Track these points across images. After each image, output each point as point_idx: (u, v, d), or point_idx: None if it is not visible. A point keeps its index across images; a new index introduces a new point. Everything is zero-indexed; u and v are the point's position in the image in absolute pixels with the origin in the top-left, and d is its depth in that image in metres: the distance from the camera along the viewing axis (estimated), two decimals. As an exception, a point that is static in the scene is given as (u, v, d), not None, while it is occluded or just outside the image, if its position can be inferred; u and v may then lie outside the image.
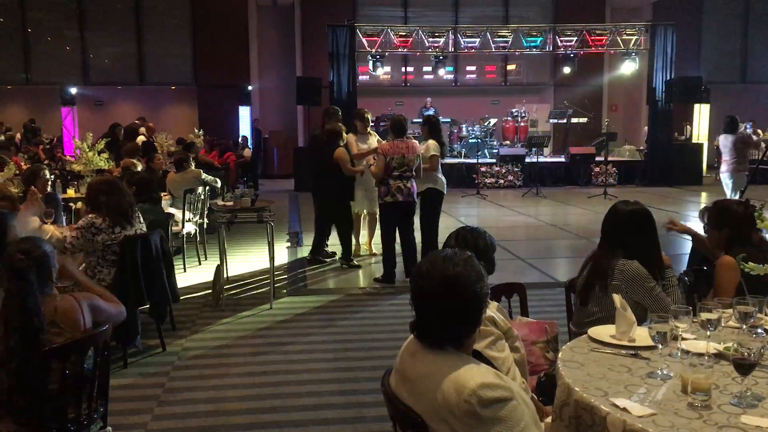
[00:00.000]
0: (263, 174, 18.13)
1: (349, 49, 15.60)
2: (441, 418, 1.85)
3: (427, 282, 2.00)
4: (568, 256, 8.84)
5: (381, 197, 6.95)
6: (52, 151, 14.14)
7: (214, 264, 6.89)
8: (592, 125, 18.26)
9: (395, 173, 6.81)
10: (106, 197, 4.78)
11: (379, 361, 4.91)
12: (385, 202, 6.91)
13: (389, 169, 6.81)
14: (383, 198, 6.90)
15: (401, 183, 6.84)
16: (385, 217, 7.05)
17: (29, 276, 2.67)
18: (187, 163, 8.60)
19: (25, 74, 18.91)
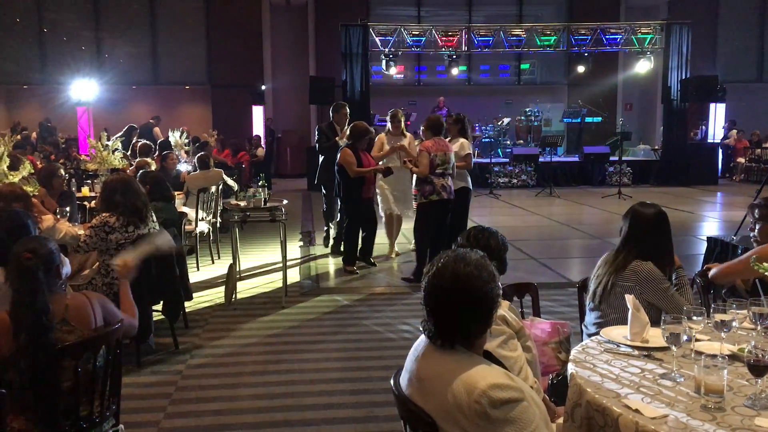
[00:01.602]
0: (276, 173, 18.17)
1: (362, 49, 15.60)
2: (451, 418, 1.85)
3: (439, 282, 1.99)
4: (581, 257, 8.79)
5: (425, 195, 6.85)
6: (67, 150, 14.25)
7: (226, 263, 6.91)
8: (607, 124, 18.15)
9: (438, 170, 6.79)
10: (121, 196, 4.80)
11: (391, 360, 4.90)
12: (430, 201, 6.83)
13: (433, 167, 6.77)
14: (428, 196, 6.82)
15: (444, 181, 6.85)
16: (428, 215, 6.94)
17: (38, 274, 2.68)
18: (209, 162, 8.71)
19: (41, 73, 19.07)
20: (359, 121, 7.65)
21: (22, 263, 2.68)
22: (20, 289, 2.65)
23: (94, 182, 7.89)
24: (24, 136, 15.28)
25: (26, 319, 2.60)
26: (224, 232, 8.77)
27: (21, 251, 2.71)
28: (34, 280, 2.67)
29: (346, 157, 7.10)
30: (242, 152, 14.39)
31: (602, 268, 3.24)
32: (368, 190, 7.29)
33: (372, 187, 7.39)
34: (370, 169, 7.20)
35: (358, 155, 7.13)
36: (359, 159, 7.11)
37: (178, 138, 12.41)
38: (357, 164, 7.06)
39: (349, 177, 7.11)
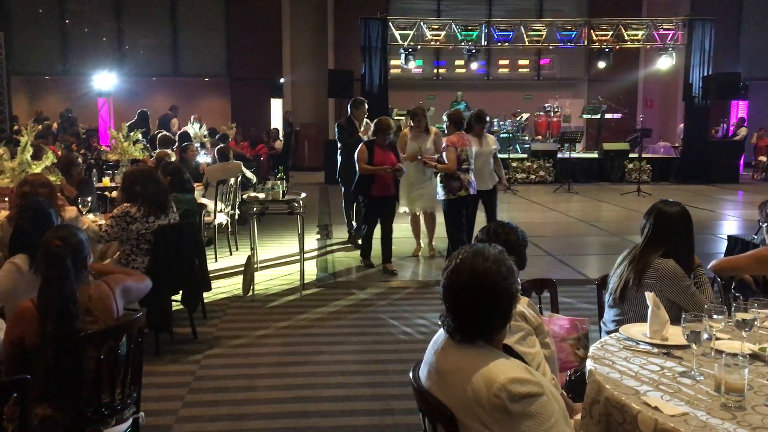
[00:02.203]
0: (293, 166, 18.23)
1: (381, 42, 15.58)
2: (471, 412, 1.85)
3: (458, 277, 1.99)
4: (600, 253, 8.74)
5: (453, 191, 6.81)
6: (88, 140, 14.38)
7: (244, 254, 6.96)
8: (627, 121, 18.00)
9: (464, 166, 6.77)
10: (141, 187, 4.85)
11: (407, 354, 4.92)
12: (459, 197, 6.81)
13: (459, 163, 6.75)
14: (456, 192, 6.79)
15: (469, 176, 6.84)
16: (457, 211, 6.93)
17: (66, 262, 2.72)
18: (229, 154, 8.77)
19: (63, 65, 19.24)
20: (384, 116, 7.44)
21: (52, 249, 2.71)
22: (49, 276, 2.68)
23: (114, 173, 7.96)
24: (45, 126, 15.41)
25: (54, 307, 2.63)
26: (242, 224, 8.82)
27: (51, 237, 2.75)
28: (62, 267, 2.70)
29: (358, 153, 7.02)
30: (261, 145, 14.44)
31: (623, 265, 3.22)
32: (382, 188, 6.99)
33: (387, 185, 7.04)
34: (375, 168, 6.90)
35: (373, 151, 6.94)
36: (372, 156, 6.92)
37: (197, 129, 12.48)
38: (369, 161, 6.90)
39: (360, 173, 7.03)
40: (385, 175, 6.95)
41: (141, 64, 19.27)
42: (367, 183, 6.96)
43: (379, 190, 6.98)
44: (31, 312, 2.67)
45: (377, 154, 6.93)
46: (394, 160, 7.02)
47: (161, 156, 7.68)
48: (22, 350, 2.65)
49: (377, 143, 6.98)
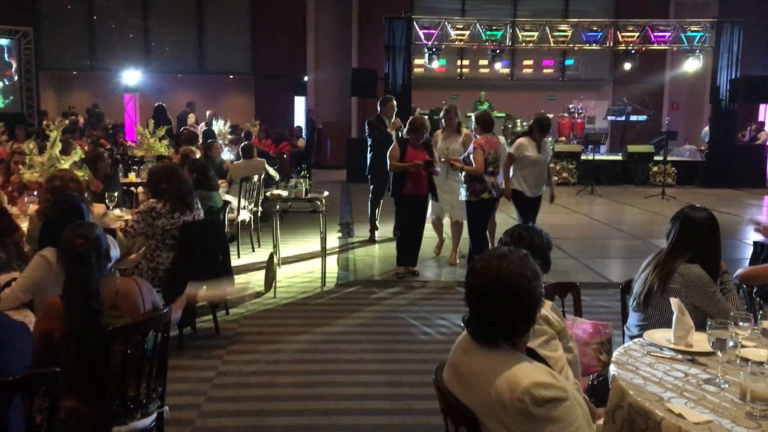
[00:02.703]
0: (316, 164, 18.30)
1: (405, 42, 15.58)
2: (494, 414, 1.86)
3: (481, 280, 1.99)
4: (623, 257, 8.67)
5: (476, 194, 6.66)
6: (114, 135, 14.56)
7: (267, 251, 7.01)
8: (652, 123, 17.81)
9: (490, 169, 6.65)
10: (167, 184, 4.92)
11: (427, 354, 4.92)
12: (481, 199, 6.68)
13: (486, 165, 6.62)
14: (479, 195, 6.65)
15: (494, 179, 6.72)
16: (480, 214, 6.80)
17: (90, 259, 2.77)
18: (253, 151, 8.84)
19: (90, 60, 19.48)
20: (419, 116, 7.27)
21: (76, 249, 2.76)
22: (73, 274, 2.73)
23: (140, 168, 8.05)
24: (72, 122, 15.64)
25: (78, 304, 2.68)
26: (265, 221, 8.87)
27: (73, 237, 2.79)
28: (87, 264, 2.75)
29: (390, 152, 6.88)
30: (284, 142, 14.52)
31: (648, 270, 3.20)
32: (415, 187, 6.76)
33: (421, 184, 6.79)
34: (406, 165, 6.70)
35: (405, 151, 6.76)
36: (405, 155, 6.74)
37: (222, 127, 12.58)
38: (401, 160, 6.74)
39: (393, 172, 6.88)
40: (418, 173, 6.75)
41: (167, 60, 19.45)
42: (400, 182, 6.80)
43: (413, 189, 6.78)
44: (58, 307, 2.72)
45: (410, 153, 6.76)
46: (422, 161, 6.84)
47: (186, 152, 7.75)
48: (50, 344, 2.70)
49: (410, 142, 6.82)
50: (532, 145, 7.10)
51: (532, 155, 7.05)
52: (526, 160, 7.08)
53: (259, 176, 8.48)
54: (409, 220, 6.96)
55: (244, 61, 19.71)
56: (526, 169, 7.13)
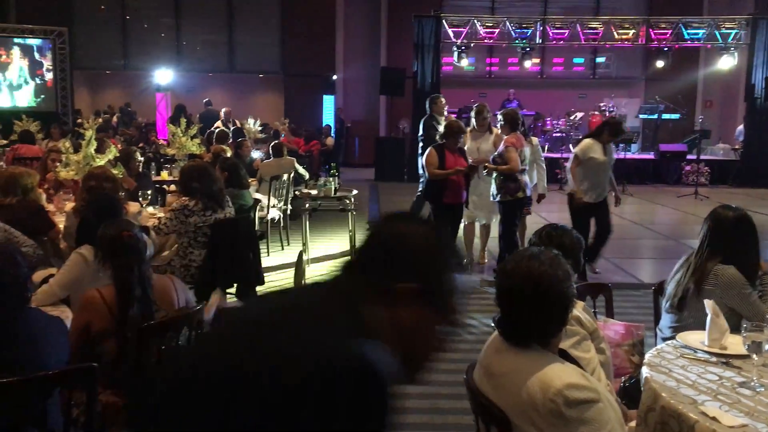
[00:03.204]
0: (344, 163, 18.37)
1: (434, 40, 15.56)
2: (525, 415, 1.86)
3: (512, 281, 1.99)
4: (655, 257, 8.57)
5: (511, 193, 6.51)
6: (146, 134, 14.77)
7: (296, 249, 7.05)
8: (685, 122, 17.55)
9: (521, 167, 6.53)
10: (198, 183, 4.98)
11: (455, 354, 4.88)
12: (516, 198, 6.55)
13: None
14: (514, 194, 6.50)
15: (525, 178, 6.62)
16: (514, 214, 6.68)
17: (140, 248, 2.86)
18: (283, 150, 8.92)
19: (123, 60, 19.78)
20: (455, 119, 7.01)
21: (125, 240, 2.84)
22: (125, 265, 2.80)
23: (172, 167, 8.17)
24: (105, 120, 15.92)
25: (134, 292, 2.76)
26: (294, 219, 8.93)
27: (118, 231, 2.86)
28: (138, 254, 2.86)
29: (427, 157, 6.56)
30: (314, 141, 14.59)
31: (682, 271, 3.16)
32: (454, 194, 6.52)
33: (460, 191, 6.56)
34: (447, 172, 6.40)
35: (444, 156, 6.46)
36: (443, 160, 6.44)
37: (252, 125, 12.69)
38: (440, 166, 6.44)
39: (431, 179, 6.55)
40: (457, 180, 6.48)
41: (198, 60, 19.68)
42: (439, 189, 6.50)
43: (452, 197, 6.51)
44: (96, 300, 2.79)
45: (448, 159, 6.45)
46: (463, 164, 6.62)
47: (217, 151, 7.84)
48: (88, 338, 2.76)
49: (447, 147, 6.50)
50: (598, 147, 6.65)
51: (598, 158, 6.60)
52: (592, 162, 6.61)
53: (289, 175, 8.54)
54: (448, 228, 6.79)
55: (273, 60, 19.85)
56: (591, 173, 6.68)
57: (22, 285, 2.34)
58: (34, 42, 16.64)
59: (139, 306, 2.78)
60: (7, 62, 16.38)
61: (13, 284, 2.29)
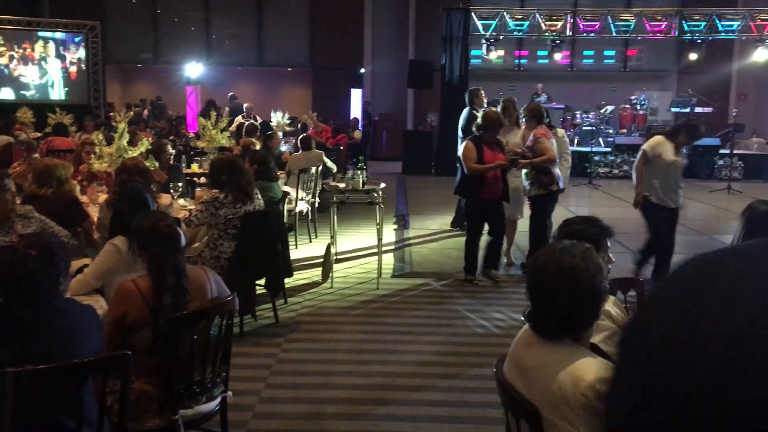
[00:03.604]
0: (371, 156, 18.38)
1: (463, 33, 15.47)
2: (556, 409, 1.85)
3: (544, 274, 1.99)
4: (686, 253, 8.42)
5: (545, 186, 6.39)
6: (176, 127, 14.93)
7: (324, 242, 7.09)
8: (718, 115, 17.24)
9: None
10: (227, 176, 5.03)
11: (484, 347, 4.91)
12: (550, 192, 6.44)
13: None
14: (548, 187, 6.36)
15: (558, 170, 6.48)
16: (548, 207, 6.51)
17: (177, 238, 2.90)
18: (312, 143, 8.95)
19: (154, 53, 19.99)
20: (493, 110, 6.64)
21: (163, 231, 2.89)
22: (162, 255, 2.85)
23: (202, 159, 8.25)
24: (137, 113, 16.12)
25: (170, 282, 2.82)
26: (321, 212, 8.98)
27: (155, 222, 2.91)
28: (175, 244, 2.91)
29: (464, 151, 6.25)
30: (341, 134, 14.62)
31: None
32: (491, 190, 6.23)
33: (498, 186, 6.29)
34: (488, 167, 6.14)
35: (481, 149, 6.19)
36: (481, 154, 6.18)
37: (280, 119, 12.75)
38: (478, 160, 6.18)
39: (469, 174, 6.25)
40: (495, 175, 6.22)
41: (227, 53, 19.81)
42: (475, 184, 6.23)
43: (489, 193, 6.24)
44: (132, 290, 2.84)
45: (486, 153, 6.19)
46: (502, 158, 6.28)
47: (246, 144, 7.90)
48: (123, 328, 2.82)
49: (485, 141, 6.23)
50: (670, 146, 6.13)
51: (669, 158, 6.10)
52: (661, 162, 6.13)
53: (317, 168, 8.58)
54: (483, 226, 6.47)
55: (302, 53, 19.92)
56: (661, 173, 6.20)
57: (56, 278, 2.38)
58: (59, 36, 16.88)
59: (173, 295, 2.81)
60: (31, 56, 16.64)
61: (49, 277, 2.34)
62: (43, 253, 2.33)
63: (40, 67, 16.80)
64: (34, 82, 16.80)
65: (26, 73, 16.73)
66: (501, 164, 6.18)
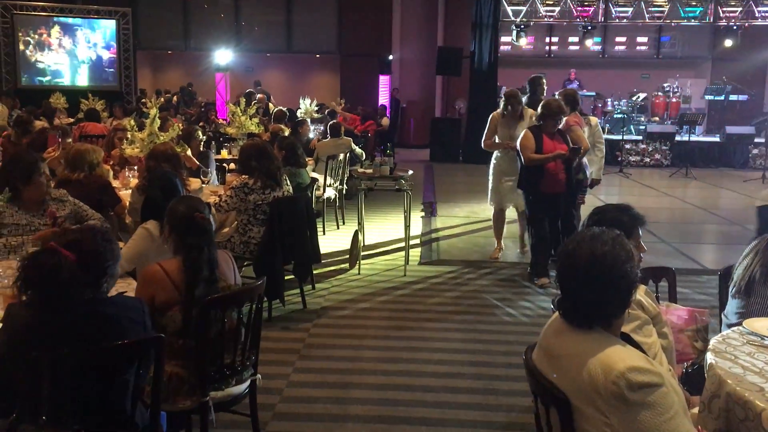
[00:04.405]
0: (399, 143, 18.33)
1: (492, 19, 15.32)
2: (586, 397, 1.84)
3: (575, 261, 1.97)
4: (719, 243, 8.31)
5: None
6: (206, 113, 15.04)
7: (351, 228, 7.11)
8: (753, 103, 16.86)
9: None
10: (256, 161, 5.06)
11: (512, 336, 4.89)
12: (577, 180, 6.23)
13: None
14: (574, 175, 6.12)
15: (585, 159, 6.32)
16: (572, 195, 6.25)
17: (211, 230, 2.94)
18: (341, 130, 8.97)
19: (184, 40, 20.12)
20: (554, 98, 6.24)
21: (198, 222, 2.91)
22: (196, 245, 2.88)
23: (231, 146, 8.30)
24: (167, 99, 16.26)
25: (203, 272, 2.86)
26: (349, 199, 9.00)
27: (192, 212, 2.92)
28: (209, 236, 2.94)
29: (522, 140, 5.91)
30: (370, 121, 14.60)
31: (750, 256, 3.06)
32: (553, 182, 5.87)
33: (560, 179, 5.90)
34: (546, 156, 5.77)
35: (541, 139, 5.85)
36: (541, 145, 5.84)
37: (308, 105, 12.78)
38: (537, 150, 5.83)
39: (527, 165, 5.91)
40: (556, 167, 5.86)
41: (256, 40, 19.84)
42: (535, 176, 5.88)
43: (551, 185, 5.87)
44: (159, 274, 2.87)
45: (546, 143, 5.85)
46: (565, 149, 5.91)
47: (275, 130, 7.93)
48: (153, 309, 2.86)
49: (545, 130, 5.88)
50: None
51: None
52: None
53: (345, 154, 8.58)
54: (547, 220, 6.08)
55: (330, 40, 19.87)
56: None
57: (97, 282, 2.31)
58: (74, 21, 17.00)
59: (205, 286, 2.84)
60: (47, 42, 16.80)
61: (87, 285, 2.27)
62: (85, 257, 2.27)
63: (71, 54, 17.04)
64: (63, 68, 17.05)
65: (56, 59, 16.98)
66: (561, 154, 5.81)
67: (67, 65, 17.14)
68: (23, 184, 3.92)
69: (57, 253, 2.23)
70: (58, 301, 2.23)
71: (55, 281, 2.20)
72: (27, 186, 3.92)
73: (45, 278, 2.21)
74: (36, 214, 3.96)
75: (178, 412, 2.86)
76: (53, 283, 2.21)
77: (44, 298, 2.23)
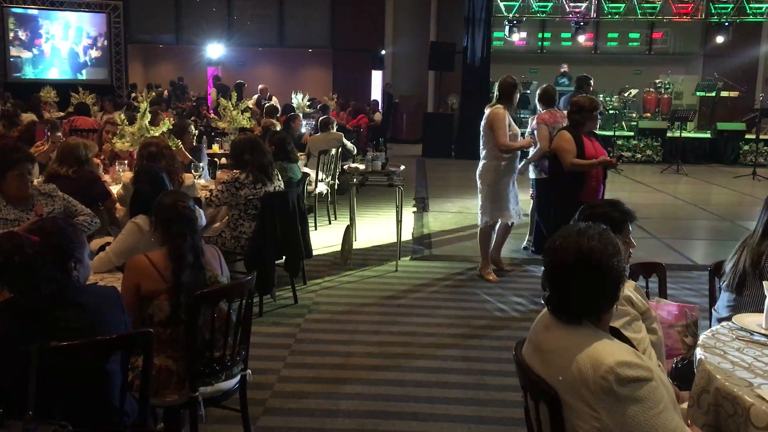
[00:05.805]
0: (391, 138, 18.31)
1: (485, 14, 15.30)
2: (575, 392, 1.84)
3: (561, 256, 1.96)
4: (709, 239, 8.35)
5: (545, 171, 6.10)
6: (198, 108, 14.98)
7: (343, 224, 7.10)
8: (744, 100, 16.93)
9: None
10: (249, 155, 5.04)
11: (502, 331, 4.90)
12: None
13: (550, 140, 5.83)
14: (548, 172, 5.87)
15: None
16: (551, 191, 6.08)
17: (194, 219, 2.94)
18: (332, 125, 8.92)
19: (176, 34, 20.02)
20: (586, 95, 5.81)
21: (181, 210, 2.93)
22: (180, 233, 2.89)
23: (223, 140, 8.27)
24: (158, 94, 16.18)
25: (188, 260, 2.86)
26: (341, 194, 8.99)
27: (174, 201, 2.95)
28: (192, 224, 2.96)
29: (561, 143, 5.29)
30: (361, 115, 14.56)
31: (740, 252, 3.07)
32: (593, 191, 5.27)
33: (599, 187, 5.37)
34: (591, 162, 5.21)
35: (581, 142, 5.25)
36: (582, 148, 5.24)
37: (300, 100, 12.74)
38: (578, 154, 5.24)
39: (563, 169, 5.31)
40: (597, 174, 5.33)
41: (248, 34, 19.78)
42: (575, 184, 5.25)
43: (591, 194, 5.20)
44: (144, 264, 2.90)
45: (587, 146, 5.28)
46: (605, 153, 5.48)
47: (267, 125, 7.90)
48: (138, 298, 2.86)
49: (582, 131, 5.32)
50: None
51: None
52: None
53: (337, 149, 8.56)
54: None
55: (323, 34, 19.83)
56: None
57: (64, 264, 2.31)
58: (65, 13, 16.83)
59: (191, 272, 2.86)
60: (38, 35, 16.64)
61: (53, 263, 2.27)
62: (48, 238, 2.27)
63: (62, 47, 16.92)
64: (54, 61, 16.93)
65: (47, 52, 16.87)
66: (606, 161, 5.32)
67: (57, 59, 17.03)
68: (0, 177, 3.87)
69: (16, 235, 2.27)
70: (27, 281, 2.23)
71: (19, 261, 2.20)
72: (2, 180, 3.87)
73: (8, 259, 2.21)
74: (25, 209, 3.93)
75: (167, 407, 2.85)
76: (19, 264, 2.21)
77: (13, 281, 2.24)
